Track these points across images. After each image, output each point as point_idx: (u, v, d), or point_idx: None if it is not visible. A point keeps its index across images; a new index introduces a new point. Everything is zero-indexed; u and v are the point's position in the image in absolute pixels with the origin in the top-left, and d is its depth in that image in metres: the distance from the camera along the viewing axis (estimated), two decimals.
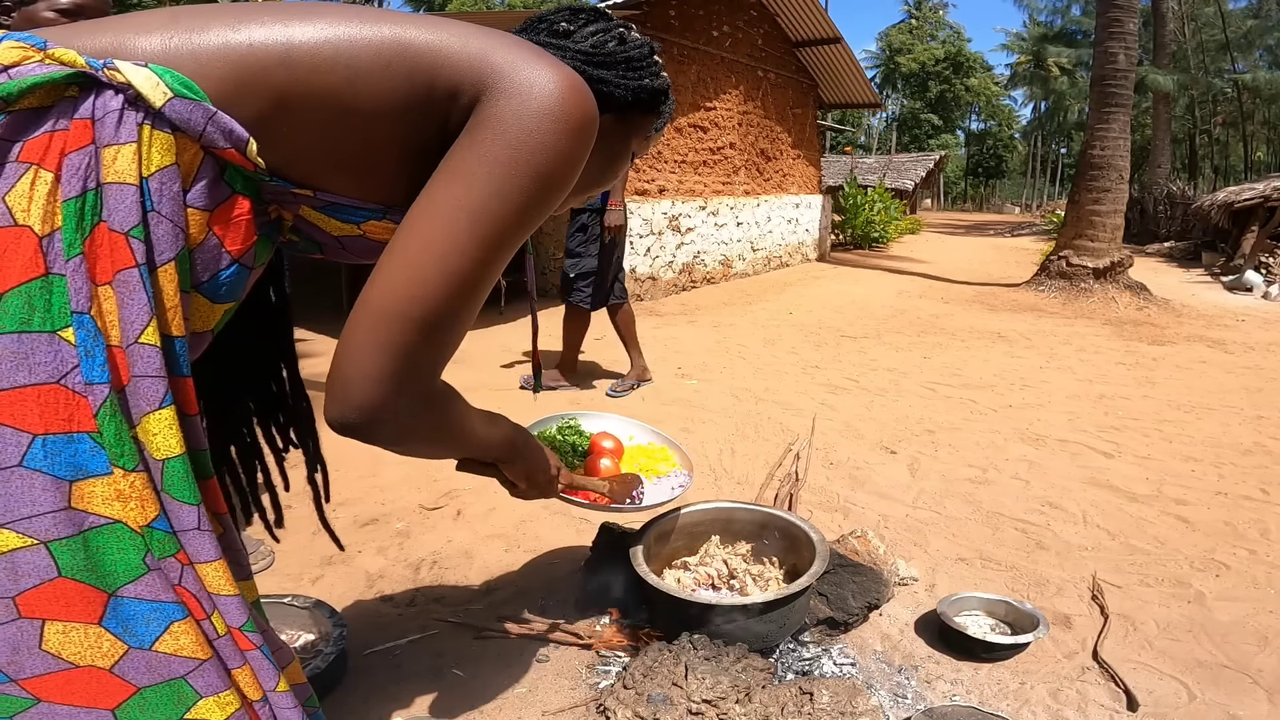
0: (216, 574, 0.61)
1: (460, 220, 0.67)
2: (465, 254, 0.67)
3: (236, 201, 0.64)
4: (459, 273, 0.68)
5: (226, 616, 0.62)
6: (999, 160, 49.98)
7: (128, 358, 0.57)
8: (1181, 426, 3.29)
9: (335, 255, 0.80)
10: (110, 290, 0.56)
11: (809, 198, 9.84)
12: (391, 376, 0.67)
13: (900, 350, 4.89)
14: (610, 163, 0.92)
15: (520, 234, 0.72)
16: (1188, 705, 1.46)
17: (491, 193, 0.68)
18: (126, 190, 0.56)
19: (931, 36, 47.56)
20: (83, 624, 0.58)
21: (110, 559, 0.58)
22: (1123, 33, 7.54)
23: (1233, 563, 2.03)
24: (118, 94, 0.57)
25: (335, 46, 0.65)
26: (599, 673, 1.49)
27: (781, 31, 8.93)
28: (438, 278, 0.67)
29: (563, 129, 0.70)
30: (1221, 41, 23.15)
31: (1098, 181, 7.72)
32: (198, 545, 0.60)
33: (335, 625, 1.50)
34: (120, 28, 0.62)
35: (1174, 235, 14.05)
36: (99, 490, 0.57)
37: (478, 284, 0.70)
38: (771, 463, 2.70)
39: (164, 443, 0.58)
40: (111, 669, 0.59)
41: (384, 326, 0.66)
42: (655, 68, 0.90)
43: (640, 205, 6.66)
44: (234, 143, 0.61)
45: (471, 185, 0.68)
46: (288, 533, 1.36)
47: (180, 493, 0.59)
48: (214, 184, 0.62)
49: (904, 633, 1.68)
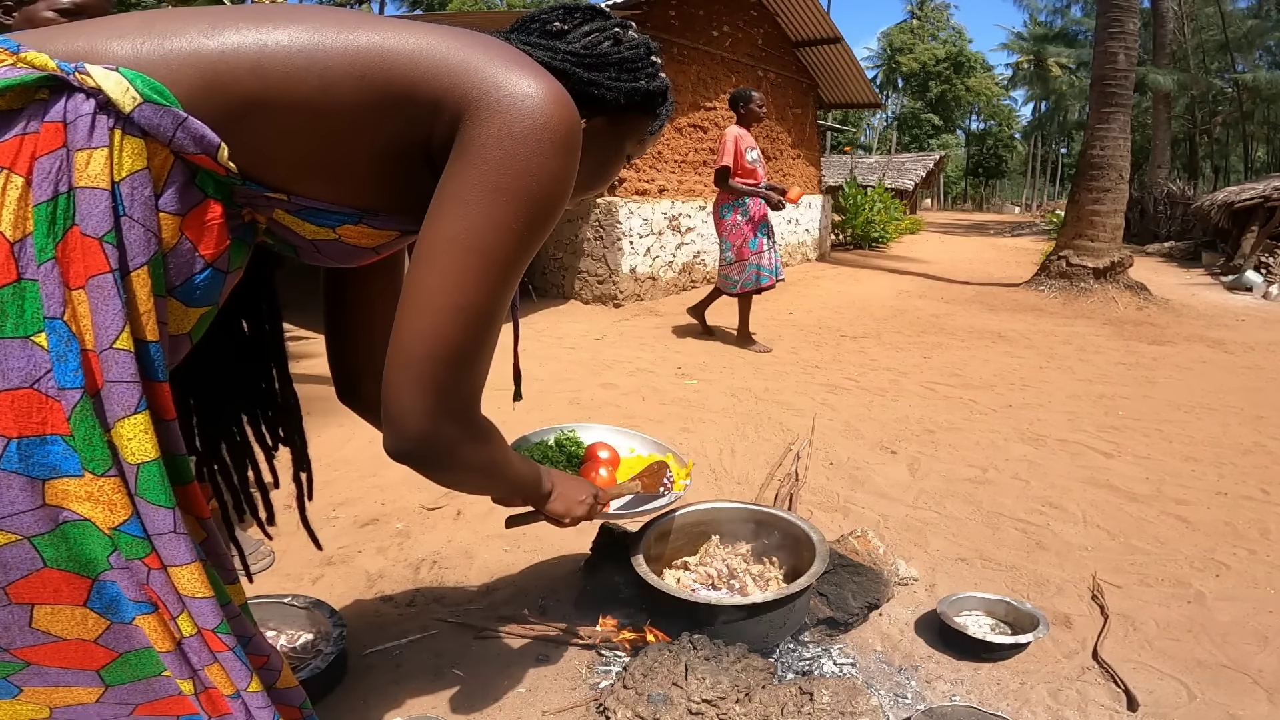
0: (190, 577, 0.62)
1: (467, 258, 0.69)
2: (477, 289, 0.71)
3: (209, 206, 0.64)
4: (473, 308, 0.71)
5: (198, 619, 0.64)
6: (999, 160, 49.98)
7: (101, 363, 0.57)
8: (1181, 426, 3.29)
9: (310, 259, 0.80)
10: (84, 295, 0.57)
11: (809, 198, 9.84)
12: (435, 408, 0.74)
13: (900, 350, 4.89)
14: (603, 165, 0.92)
15: (525, 256, 0.74)
16: (1188, 705, 1.46)
17: (492, 224, 0.69)
18: (99, 195, 0.56)
19: (933, 36, 47.56)
20: (69, 606, 0.61)
21: (89, 549, 0.60)
22: (1123, 33, 7.55)
23: (1233, 563, 2.03)
24: (89, 98, 0.57)
25: (309, 55, 0.64)
26: (599, 673, 1.49)
27: (781, 31, 8.93)
28: (456, 318, 0.71)
29: (549, 149, 0.70)
30: (1221, 41, 23.15)
31: (1098, 181, 7.71)
32: (172, 548, 0.61)
33: (335, 625, 1.50)
34: (95, 32, 0.62)
35: (1174, 235, 14.05)
36: (73, 489, 0.58)
37: (493, 313, 0.73)
38: (771, 463, 2.70)
39: (138, 447, 0.59)
40: (96, 640, 0.63)
41: (417, 367, 0.71)
42: (651, 69, 0.88)
43: (640, 205, 6.66)
44: (205, 148, 0.61)
45: (470, 218, 0.69)
46: (288, 533, 1.36)
47: (155, 496, 0.60)
48: (186, 188, 0.62)
49: (904, 633, 1.68)
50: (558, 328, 5.72)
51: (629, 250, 6.56)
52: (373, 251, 0.80)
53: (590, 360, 4.50)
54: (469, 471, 0.84)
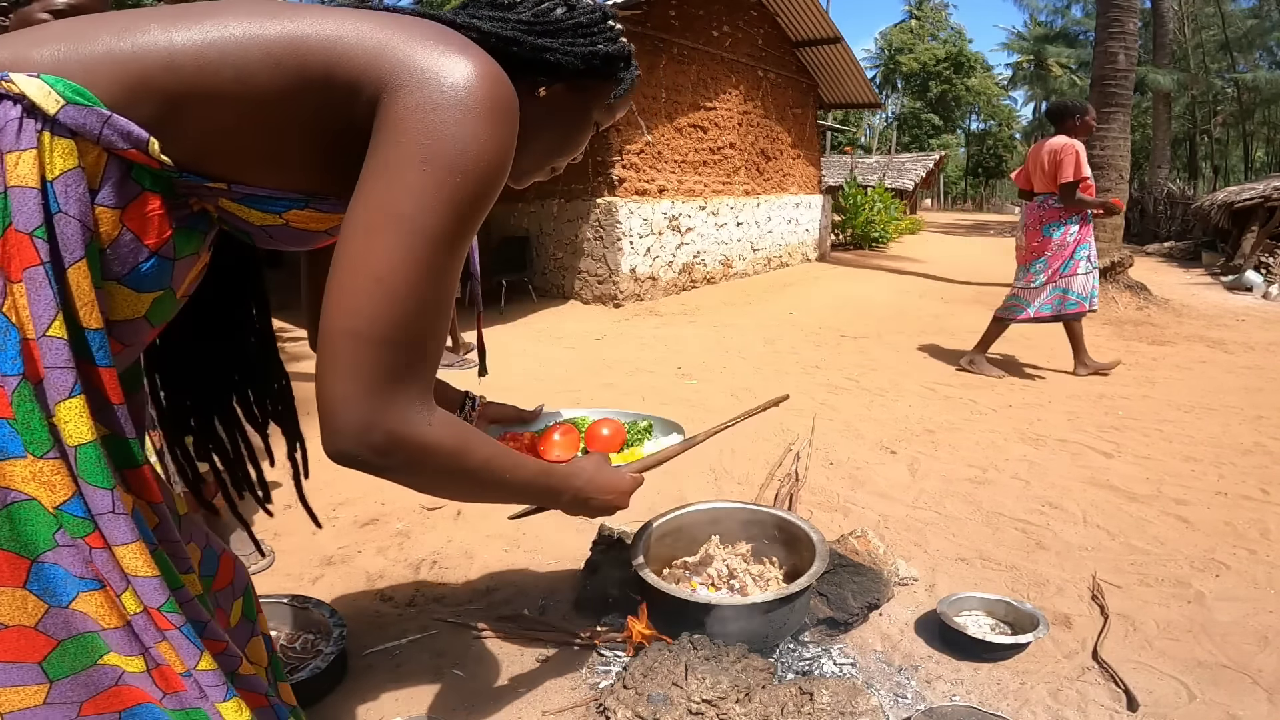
0: (132, 556, 0.65)
1: (388, 232, 0.67)
2: (401, 261, 0.67)
3: (147, 198, 0.67)
4: (394, 280, 0.67)
5: (144, 597, 0.66)
6: (999, 160, 49.95)
7: (40, 350, 0.60)
8: (1181, 426, 3.28)
9: (264, 244, 0.81)
10: (22, 287, 0.60)
11: (809, 197, 9.84)
12: (366, 396, 0.68)
13: (900, 350, 4.89)
14: (569, 133, 0.91)
15: (455, 228, 0.70)
16: (1188, 705, 1.46)
17: (412, 193, 0.67)
18: (29, 193, 0.59)
19: (933, 36, 47.56)
20: (9, 588, 0.63)
21: (31, 530, 0.63)
22: (1123, 33, 7.55)
23: (1233, 563, 2.03)
24: (16, 104, 0.60)
25: (220, 49, 0.66)
26: (599, 673, 1.49)
27: (781, 31, 8.94)
28: (380, 294, 0.67)
29: (473, 119, 0.68)
30: (1221, 41, 23.16)
31: (1098, 181, 7.70)
32: (113, 528, 0.64)
33: (335, 625, 1.50)
34: (19, 42, 0.65)
35: (1174, 235, 14.04)
36: (18, 470, 0.61)
37: (419, 288, 0.69)
38: (771, 463, 2.70)
39: (75, 430, 0.62)
40: (35, 626, 0.65)
41: (343, 349, 0.68)
42: (609, 34, 0.88)
43: (640, 205, 6.66)
44: (133, 143, 0.64)
45: (392, 191, 0.67)
46: (287, 533, 1.38)
47: (93, 477, 0.63)
48: (122, 183, 0.65)
49: (904, 633, 1.68)
50: (558, 328, 5.73)
51: (629, 250, 6.56)
52: (325, 234, 0.81)
53: (590, 360, 4.50)
54: (428, 473, 0.77)
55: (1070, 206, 4.01)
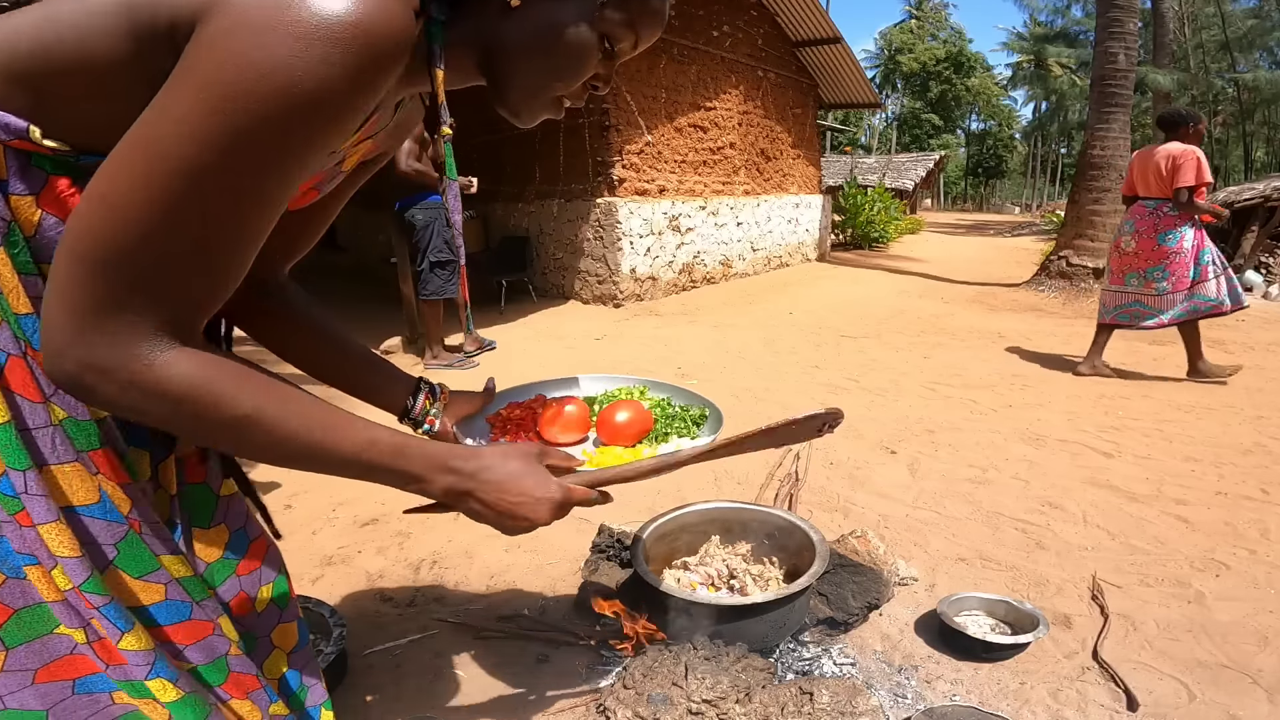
0: (53, 535, 0.67)
1: (128, 157, 0.62)
2: (130, 188, 0.61)
3: (54, 182, 0.69)
4: (122, 206, 0.61)
5: (70, 575, 0.69)
6: (999, 160, 50.00)
7: None
8: (1181, 426, 3.28)
9: None
10: None
11: (809, 198, 9.84)
12: (66, 318, 0.62)
13: (900, 350, 4.89)
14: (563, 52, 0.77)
15: (216, 160, 0.61)
16: (1188, 705, 1.46)
17: (171, 123, 0.61)
18: None
19: (933, 36, 47.57)
20: None
21: None
22: (1123, 33, 7.56)
23: (1233, 563, 2.03)
24: None
25: (55, 23, 0.67)
26: (599, 673, 1.49)
27: (781, 31, 8.94)
28: (100, 214, 0.62)
29: (275, 38, 0.59)
30: (1221, 41, 23.16)
31: (1098, 181, 7.73)
32: (33, 507, 0.67)
33: (335, 625, 1.50)
34: None
35: None
36: None
37: (153, 216, 0.62)
38: (771, 463, 2.70)
39: None
40: None
41: (58, 267, 0.63)
42: None
43: (640, 205, 6.66)
44: (15, 134, 0.65)
45: (150, 116, 0.63)
46: (287, 533, 1.37)
47: (9, 459, 0.66)
48: (26, 171, 0.67)
49: (904, 633, 1.68)
50: (558, 328, 5.73)
51: (629, 250, 6.56)
52: None
53: (590, 360, 4.50)
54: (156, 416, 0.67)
55: (1185, 211, 4.04)
